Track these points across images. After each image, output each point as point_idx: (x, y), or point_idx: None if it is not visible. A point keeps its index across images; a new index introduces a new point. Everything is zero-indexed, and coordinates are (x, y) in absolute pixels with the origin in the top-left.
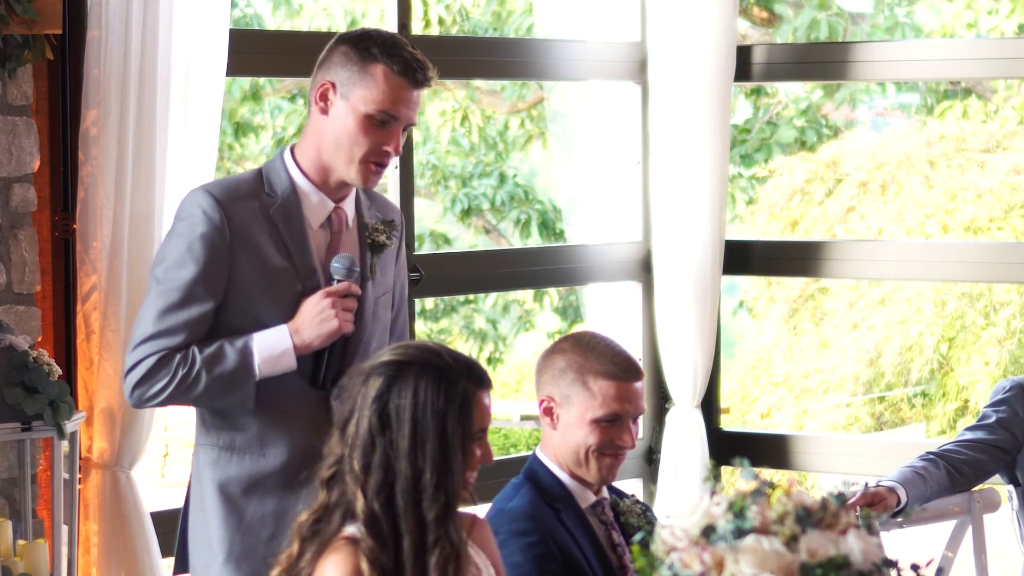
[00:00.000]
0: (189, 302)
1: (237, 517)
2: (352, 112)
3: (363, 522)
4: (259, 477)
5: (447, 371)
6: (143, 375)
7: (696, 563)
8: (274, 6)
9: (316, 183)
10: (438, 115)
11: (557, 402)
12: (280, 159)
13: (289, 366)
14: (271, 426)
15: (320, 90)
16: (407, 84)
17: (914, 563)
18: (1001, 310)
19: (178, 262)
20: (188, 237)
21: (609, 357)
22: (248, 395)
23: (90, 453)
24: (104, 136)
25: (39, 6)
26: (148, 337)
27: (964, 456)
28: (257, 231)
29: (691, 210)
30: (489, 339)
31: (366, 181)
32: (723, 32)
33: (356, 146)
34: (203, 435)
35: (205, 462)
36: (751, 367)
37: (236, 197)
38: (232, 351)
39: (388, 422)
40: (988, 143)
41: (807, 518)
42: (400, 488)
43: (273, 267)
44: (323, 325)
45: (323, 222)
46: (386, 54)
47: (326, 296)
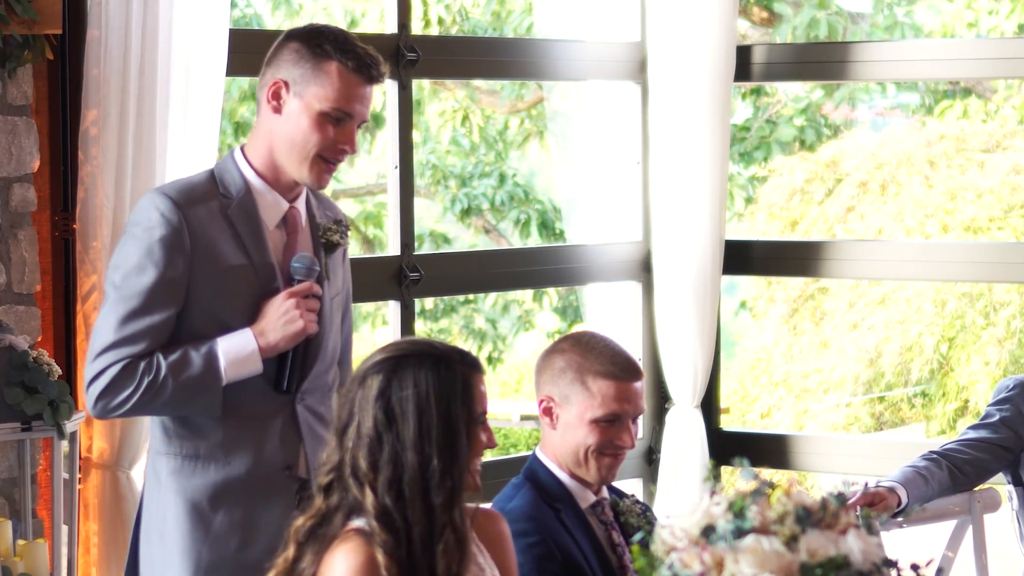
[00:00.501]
0: (151, 308)
1: (204, 528)
2: (306, 110)
3: (375, 517)
4: (225, 485)
5: (443, 358)
6: (107, 385)
7: (696, 563)
8: (274, 6)
9: (269, 182)
10: (438, 115)
11: (556, 402)
12: (231, 159)
13: (255, 369)
14: (236, 433)
15: (272, 88)
16: (361, 80)
17: (914, 563)
18: (1001, 310)
19: (137, 267)
20: (146, 241)
21: (608, 357)
22: (215, 401)
23: (90, 453)
24: (104, 136)
25: (39, 6)
26: (110, 345)
27: (967, 455)
28: (216, 232)
29: (691, 210)
30: (489, 339)
31: (319, 180)
32: (723, 32)
33: (310, 145)
34: (164, 444)
35: (167, 472)
36: (751, 367)
37: (192, 199)
38: (197, 356)
39: (393, 416)
40: (988, 143)
41: (807, 518)
42: (408, 479)
43: (233, 268)
44: (288, 326)
45: (279, 222)
46: (339, 51)
47: (289, 297)
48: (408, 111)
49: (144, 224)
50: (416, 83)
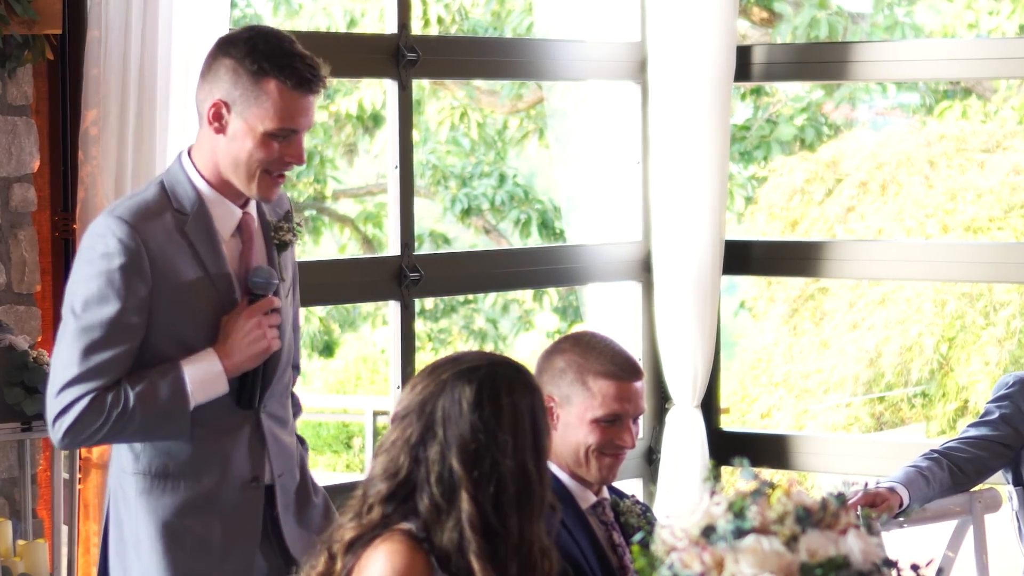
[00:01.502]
0: (115, 340)
1: (179, 546)
2: (250, 132)
3: (471, 525)
4: (195, 501)
5: (521, 370)
6: (75, 420)
7: (696, 563)
8: (274, 6)
9: (220, 190)
10: (436, 112)
11: (557, 402)
12: (181, 168)
13: (222, 390)
14: (202, 448)
15: (213, 110)
16: (304, 95)
17: (914, 563)
18: (1001, 310)
19: (98, 297)
20: (105, 269)
21: (609, 357)
22: (184, 426)
23: (90, 453)
24: (104, 136)
25: (39, 6)
26: (74, 379)
27: (967, 454)
28: (174, 252)
29: (691, 210)
30: (488, 339)
31: (267, 193)
32: (723, 32)
33: (255, 163)
34: (131, 463)
35: (137, 492)
36: (751, 367)
37: (147, 218)
38: (164, 384)
39: (489, 424)
40: (988, 143)
41: (807, 518)
42: (505, 488)
43: (192, 285)
44: (253, 346)
45: (233, 231)
46: (277, 67)
47: (250, 316)
48: (408, 111)
49: (101, 251)
50: (416, 83)
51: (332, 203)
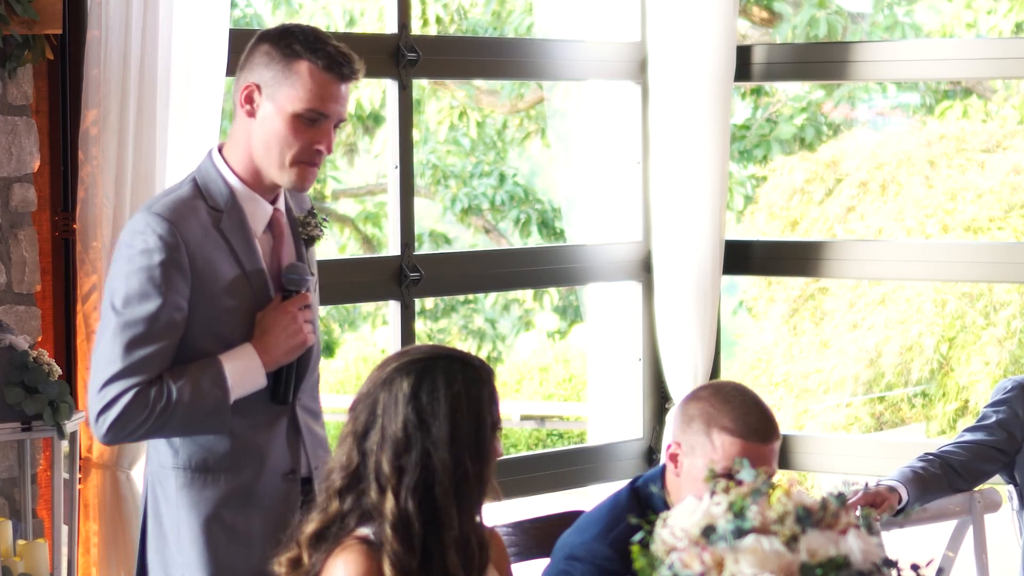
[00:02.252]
0: (157, 335)
1: (219, 539)
2: (280, 113)
3: (391, 525)
4: (235, 495)
5: (469, 365)
6: (119, 415)
7: (696, 563)
8: (274, 6)
9: (251, 185)
10: (437, 113)
11: (683, 450)
12: (212, 165)
13: (259, 384)
14: (242, 442)
15: (245, 92)
16: (334, 79)
17: (914, 563)
18: (1001, 310)
19: (140, 294)
20: (146, 265)
21: (741, 412)
22: (225, 420)
23: (90, 453)
24: (104, 136)
25: (39, 6)
26: (118, 374)
27: (963, 457)
28: (211, 248)
29: (691, 210)
30: (487, 338)
31: (301, 182)
32: (723, 32)
33: (287, 148)
34: (170, 458)
35: (177, 487)
36: (751, 367)
37: (184, 214)
38: (205, 378)
39: (425, 416)
40: (988, 143)
41: (807, 518)
42: (440, 480)
43: (230, 282)
44: (290, 340)
45: (265, 227)
46: (309, 50)
47: (286, 312)
48: (408, 111)
49: (141, 247)
50: (416, 83)
51: (332, 203)
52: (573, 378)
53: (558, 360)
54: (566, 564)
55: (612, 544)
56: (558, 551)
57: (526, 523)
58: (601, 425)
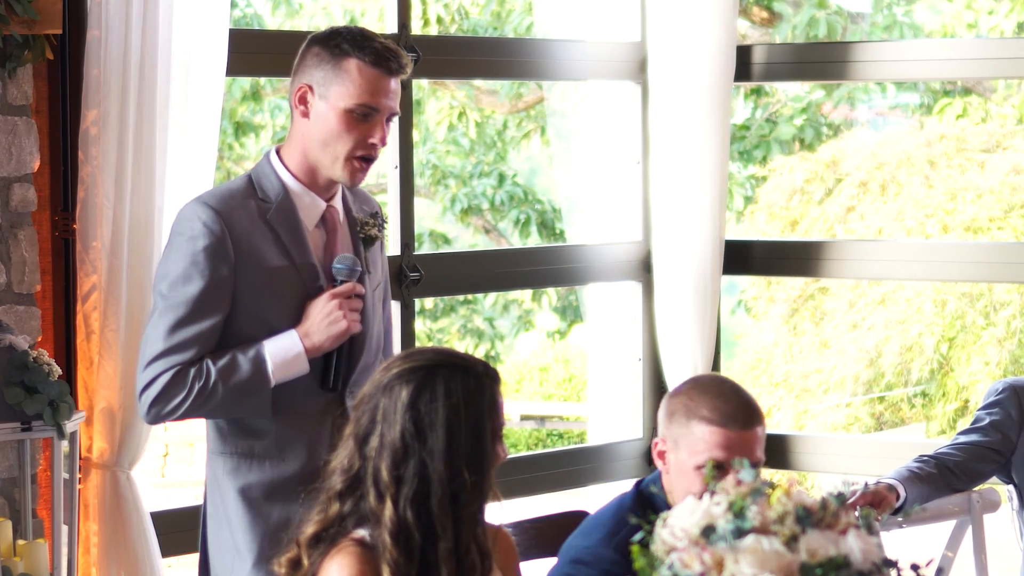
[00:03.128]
0: (198, 316)
1: (263, 522)
2: (332, 110)
3: (390, 532)
4: (280, 482)
5: (471, 370)
6: (159, 392)
7: (696, 563)
8: (274, 6)
9: (306, 184)
10: (436, 113)
11: (668, 446)
12: (268, 163)
13: (302, 370)
14: (288, 431)
15: (299, 94)
16: (382, 74)
17: (914, 563)
18: (1001, 310)
19: (183, 277)
20: (191, 251)
21: (720, 401)
22: (265, 403)
23: (90, 453)
24: (104, 136)
25: (39, 6)
26: (160, 354)
27: (958, 458)
28: (258, 237)
29: (691, 210)
30: (486, 338)
31: (353, 178)
32: (723, 32)
33: (341, 143)
34: (219, 443)
35: (225, 471)
36: (751, 367)
37: (233, 206)
38: (245, 360)
39: (422, 427)
40: (988, 143)
41: (807, 518)
42: (436, 492)
43: (276, 271)
44: (332, 327)
45: (318, 222)
46: (356, 47)
47: (332, 298)
48: (408, 111)
49: (187, 234)
50: (416, 83)
51: None
52: (573, 378)
53: (558, 360)
54: (571, 567)
55: (617, 548)
56: (564, 553)
57: (526, 523)
58: (601, 425)
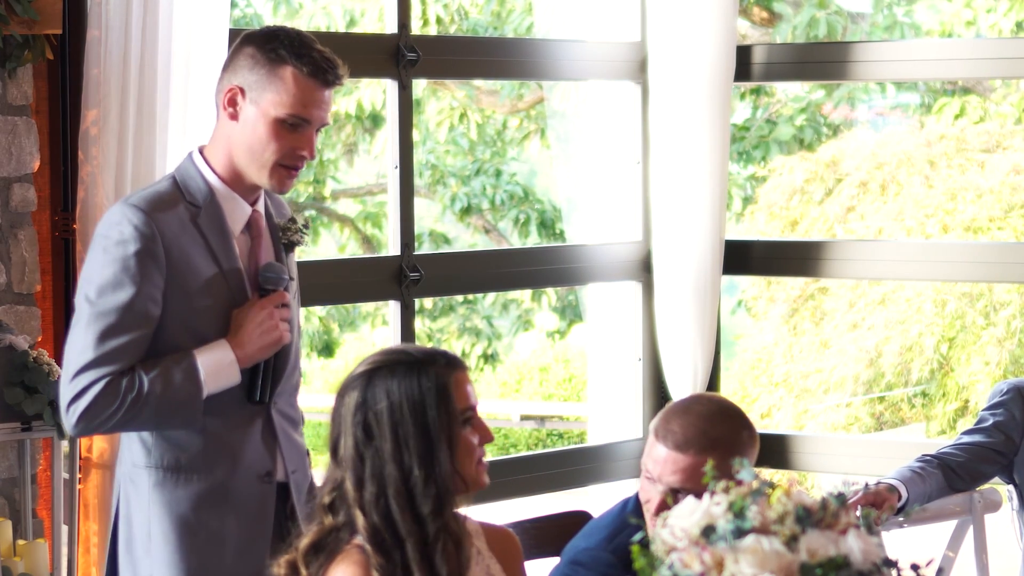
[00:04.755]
0: (130, 325)
1: (190, 538)
2: (263, 117)
3: (367, 539)
4: (209, 495)
5: (415, 364)
6: (89, 404)
7: (696, 563)
8: (274, 6)
9: (231, 185)
10: (437, 113)
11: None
12: (192, 164)
13: (234, 380)
14: (215, 442)
15: (228, 95)
16: (318, 85)
17: (914, 563)
18: (1001, 310)
19: (113, 283)
20: (121, 256)
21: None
22: (196, 414)
23: (90, 453)
24: (104, 136)
25: (39, 6)
26: (89, 364)
27: (961, 459)
28: (187, 242)
29: (691, 210)
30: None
31: (281, 186)
32: (723, 32)
33: (268, 151)
34: (143, 457)
35: (150, 485)
36: (751, 367)
37: (162, 208)
38: (178, 371)
39: (371, 431)
40: (988, 143)
41: (807, 518)
42: (392, 493)
43: (205, 277)
44: (265, 336)
45: (243, 227)
46: (294, 55)
47: (262, 308)
48: (408, 111)
49: (116, 238)
50: (416, 83)
51: (332, 203)
52: (573, 378)
53: (558, 360)
54: (570, 569)
55: (615, 551)
56: (565, 554)
57: (526, 523)
58: (601, 425)
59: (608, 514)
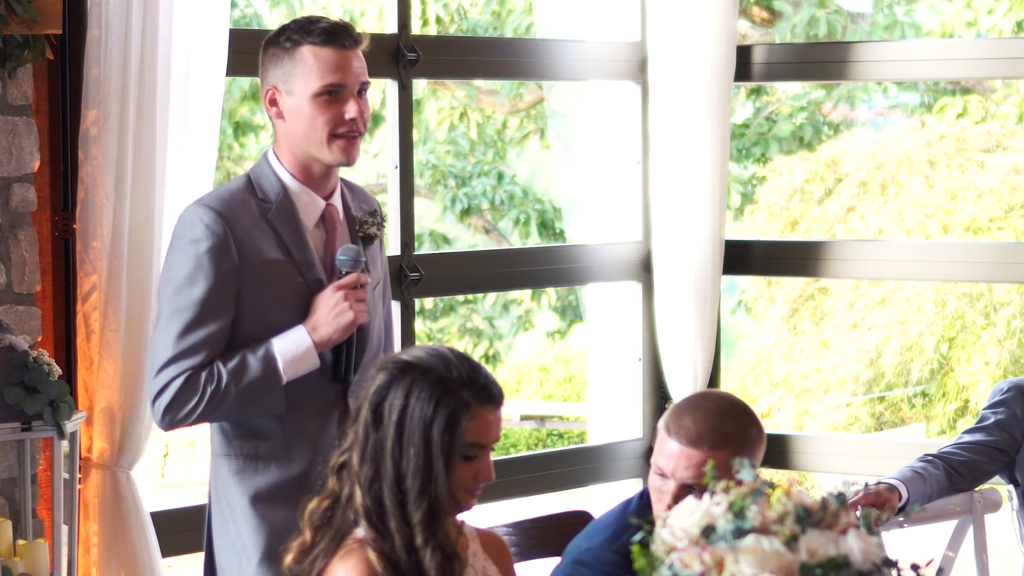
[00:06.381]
0: (206, 319)
1: (269, 524)
2: (301, 101)
3: (362, 515)
4: (286, 484)
5: (445, 380)
6: (172, 398)
7: (696, 563)
8: (273, 5)
9: (303, 181)
10: (437, 113)
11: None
12: (266, 163)
13: (312, 365)
14: (293, 431)
15: (268, 99)
16: (336, 50)
17: (914, 563)
18: (1001, 310)
19: (188, 280)
20: (194, 254)
21: None
22: (278, 401)
23: (90, 453)
24: (104, 136)
25: (39, 6)
26: (170, 360)
27: (963, 457)
28: (259, 237)
29: (691, 210)
30: (485, 337)
31: (345, 155)
32: (723, 32)
33: (318, 127)
34: (224, 446)
35: (230, 473)
36: (751, 367)
37: (234, 206)
38: (255, 360)
39: (380, 418)
40: (988, 143)
41: (807, 518)
42: (386, 486)
43: (278, 269)
44: (339, 318)
45: (317, 221)
46: (304, 34)
47: (337, 290)
48: (408, 111)
49: (190, 237)
50: (416, 83)
51: None
52: (573, 378)
53: (558, 360)
54: (572, 568)
55: (619, 551)
56: (567, 554)
57: (526, 523)
58: (601, 425)
59: (611, 514)
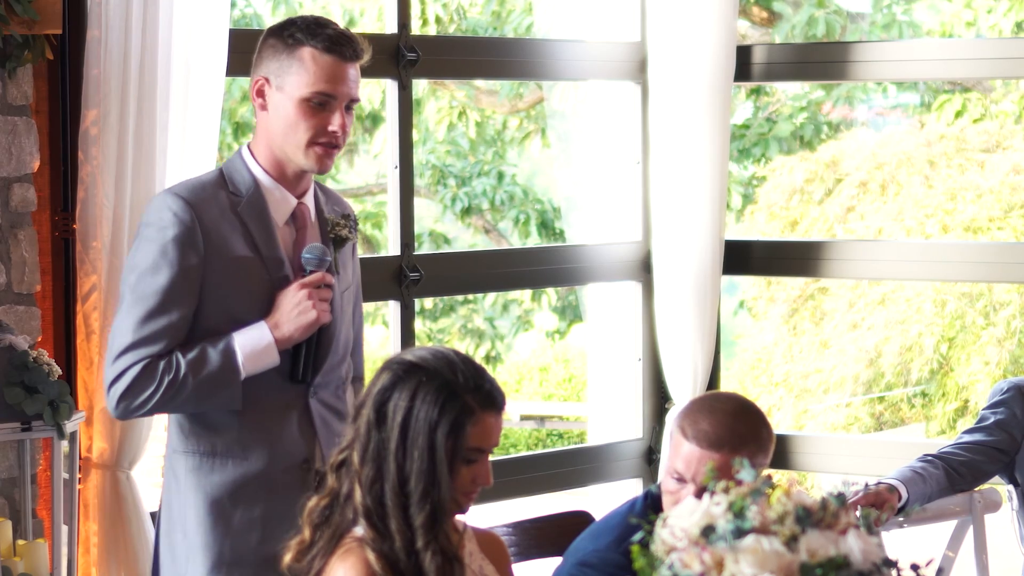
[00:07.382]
0: (167, 308)
1: (224, 523)
2: (289, 100)
3: (362, 515)
4: (243, 481)
5: (451, 384)
6: (128, 386)
7: (696, 563)
8: (274, 6)
9: (276, 178)
10: (436, 113)
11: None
12: (239, 157)
13: (272, 362)
14: (252, 428)
15: (256, 88)
16: (337, 60)
17: (914, 563)
18: (1001, 310)
19: (152, 267)
20: (160, 241)
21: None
22: (235, 395)
23: (90, 453)
24: (104, 136)
25: (39, 6)
26: (129, 346)
27: (963, 457)
28: (227, 229)
29: (691, 210)
30: (486, 338)
31: (319, 164)
32: (723, 32)
33: (300, 132)
34: (180, 442)
35: (186, 470)
36: (751, 367)
37: (203, 197)
38: (215, 352)
39: (384, 419)
40: (988, 143)
41: (807, 518)
42: (388, 488)
43: (244, 262)
44: (302, 317)
45: (288, 219)
46: (310, 35)
47: (301, 287)
48: (408, 111)
49: (157, 224)
50: (415, 83)
51: None
52: (573, 378)
53: (558, 360)
54: (577, 570)
55: (625, 553)
56: (570, 555)
57: (526, 523)
58: (601, 425)
59: (616, 515)
